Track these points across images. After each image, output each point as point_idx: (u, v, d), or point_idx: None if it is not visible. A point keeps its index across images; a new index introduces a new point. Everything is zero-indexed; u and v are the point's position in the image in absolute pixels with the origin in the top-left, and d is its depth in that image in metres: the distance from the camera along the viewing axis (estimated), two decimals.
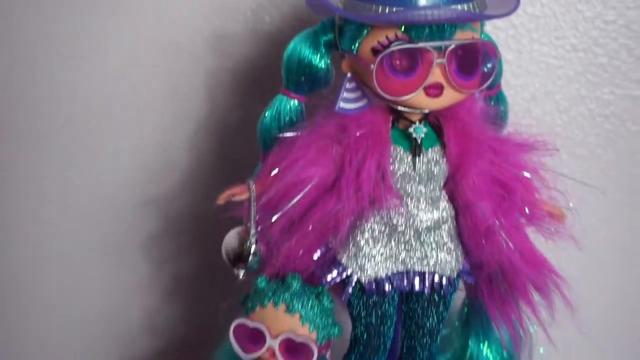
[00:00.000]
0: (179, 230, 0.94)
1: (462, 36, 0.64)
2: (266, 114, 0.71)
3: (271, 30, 0.89)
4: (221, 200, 0.68)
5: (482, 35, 0.68)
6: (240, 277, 0.68)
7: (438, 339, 0.74)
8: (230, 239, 0.68)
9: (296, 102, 0.70)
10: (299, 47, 0.68)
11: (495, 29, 0.87)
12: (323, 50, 0.68)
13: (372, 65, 0.62)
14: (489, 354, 0.79)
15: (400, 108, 0.66)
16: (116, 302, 0.97)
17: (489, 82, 0.67)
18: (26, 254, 0.97)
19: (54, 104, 0.93)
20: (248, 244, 0.67)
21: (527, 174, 0.69)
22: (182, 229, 0.94)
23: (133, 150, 0.94)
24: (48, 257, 0.97)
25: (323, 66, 0.68)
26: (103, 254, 0.96)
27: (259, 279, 0.69)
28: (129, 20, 0.91)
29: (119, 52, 0.92)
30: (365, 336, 0.71)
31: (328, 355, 0.72)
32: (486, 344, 0.79)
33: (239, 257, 0.67)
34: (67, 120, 0.94)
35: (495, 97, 0.74)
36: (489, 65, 0.66)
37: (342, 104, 0.66)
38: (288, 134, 0.69)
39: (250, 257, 0.67)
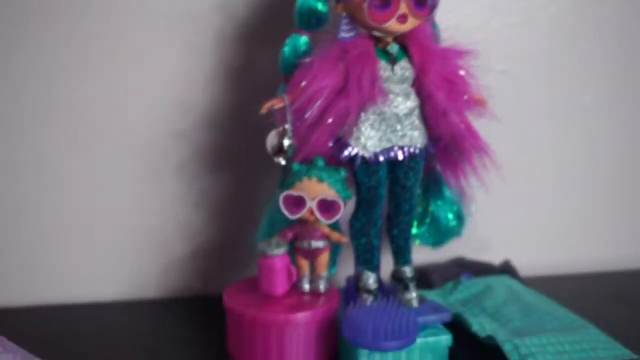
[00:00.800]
0: (202, 156, 1.03)
1: None
2: (285, 49, 0.88)
3: None
4: (264, 109, 0.84)
5: None
6: (282, 162, 0.85)
7: (415, 195, 0.90)
8: (272, 136, 0.85)
9: (306, 37, 0.88)
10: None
11: None
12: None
13: (364, 5, 0.81)
14: (443, 207, 0.99)
15: (378, 34, 0.85)
16: (153, 216, 1.06)
17: (434, 11, 0.86)
18: (80, 179, 1.03)
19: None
20: (286, 137, 0.84)
21: (463, 72, 0.88)
22: (205, 155, 1.03)
23: (162, 95, 1.02)
24: (99, 182, 1.04)
25: (324, 10, 0.87)
26: (142, 177, 1.04)
27: (294, 164, 0.85)
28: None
29: (149, 21, 1.00)
30: (367, 196, 0.88)
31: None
32: (440, 201, 0.99)
33: (280, 148, 0.85)
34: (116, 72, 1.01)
35: (433, 24, 0.92)
36: (433, 1, 0.84)
37: (341, 34, 0.85)
38: (305, 60, 0.85)
39: (288, 148, 0.85)
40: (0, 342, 0.77)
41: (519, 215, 1.16)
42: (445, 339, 0.84)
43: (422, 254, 1.04)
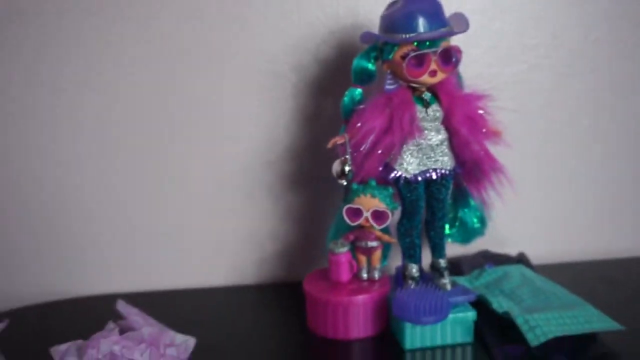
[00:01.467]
0: (286, 179, 1.09)
1: (444, 44, 0.88)
2: (345, 99, 0.93)
3: (325, 57, 1.05)
4: (330, 144, 0.90)
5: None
6: (344, 184, 0.90)
7: (446, 205, 0.95)
8: (336, 164, 0.90)
9: (360, 90, 0.93)
10: (360, 61, 0.92)
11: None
12: (372, 61, 0.92)
13: (403, 64, 0.86)
14: (469, 213, 1.02)
15: (415, 85, 0.90)
16: (251, 224, 1.12)
17: (458, 67, 0.90)
18: (199, 197, 1.10)
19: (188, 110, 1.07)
20: (346, 165, 0.89)
21: (481, 111, 0.92)
22: (288, 178, 1.09)
23: (255, 134, 1.08)
24: (213, 201, 1.10)
25: (373, 69, 0.92)
26: (243, 195, 1.10)
27: (353, 184, 0.91)
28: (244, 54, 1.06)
29: (241, 82, 1.06)
30: (410, 207, 0.93)
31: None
32: (467, 209, 1.02)
33: (342, 173, 0.89)
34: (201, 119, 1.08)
35: (458, 75, 0.97)
36: (456, 58, 0.89)
37: (387, 86, 0.90)
38: (360, 107, 0.91)
39: (348, 173, 0.90)
40: (142, 315, 0.83)
41: (530, 217, 1.18)
42: (471, 314, 0.88)
43: (455, 249, 1.07)
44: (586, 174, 1.18)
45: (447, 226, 1.02)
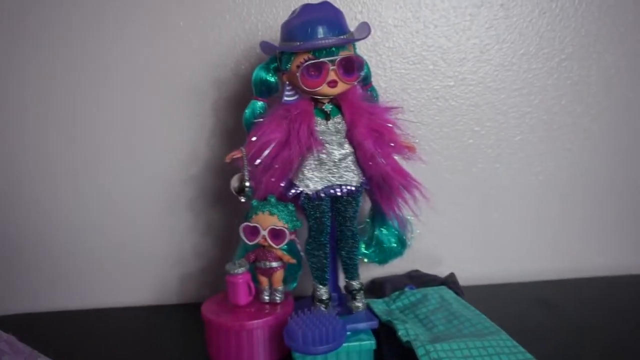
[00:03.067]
0: (207, 195, 0.93)
1: (344, 54, 0.71)
2: (246, 112, 0.78)
3: (245, 72, 0.90)
4: (227, 159, 0.75)
5: (355, 53, 0.74)
6: (242, 201, 0.75)
7: (355, 223, 0.78)
8: (234, 180, 0.75)
9: (261, 103, 0.78)
10: (260, 72, 0.77)
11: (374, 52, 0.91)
12: (272, 72, 0.77)
13: (297, 74, 0.71)
14: (387, 233, 0.84)
15: (316, 97, 0.74)
16: (172, 240, 0.95)
17: (361, 78, 0.75)
18: (118, 210, 0.94)
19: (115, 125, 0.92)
20: (244, 181, 0.74)
21: (389, 124, 0.75)
22: (209, 194, 0.93)
23: (175, 149, 0.93)
24: (130, 214, 0.94)
25: (273, 81, 0.77)
26: (162, 210, 0.94)
27: (253, 201, 0.75)
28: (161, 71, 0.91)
29: (164, 94, 0.91)
30: (314, 225, 0.76)
31: (296, 238, 0.78)
32: (383, 228, 0.84)
33: (241, 190, 0.75)
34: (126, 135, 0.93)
35: (370, 88, 0.81)
36: (361, 69, 0.74)
37: (285, 98, 0.75)
38: (259, 120, 0.76)
39: (247, 189, 0.74)
40: (10, 341, 0.66)
41: (463, 237, 0.99)
42: (369, 343, 0.70)
43: (388, 267, 0.88)
44: (518, 193, 0.99)
45: (363, 245, 0.85)
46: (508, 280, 0.99)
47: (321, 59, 0.70)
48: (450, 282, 0.91)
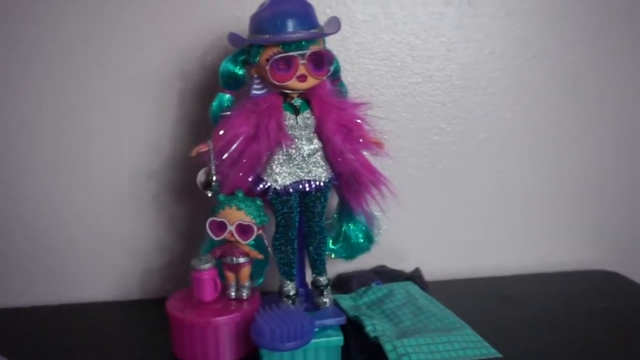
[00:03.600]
0: (171, 189, 0.91)
1: (314, 48, 0.70)
2: (213, 104, 0.76)
3: (212, 63, 0.88)
4: (193, 153, 0.73)
5: (325, 47, 0.73)
6: (209, 195, 0.73)
7: (323, 219, 0.77)
8: (201, 174, 0.74)
9: (229, 95, 0.76)
10: (227, 64, 0.75)
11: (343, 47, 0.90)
12: (240, 64, 0.75)
13: (266, 67, 0.70)
14: (354, 228, 0.84)
15: (286, 91, 0.73)
16: (135, 234, 0.93)
17: (331, 73, 0.74)
18: (79, 203, 0.91)
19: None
20: (211, 175, 0.72)
21: (358, 120, 0.74)
22: (173, 188, 0.91)
23: (139, 141, 0.90)
24: (93, 207, 0.91)
25: (241, 73, 0.75)
26: (126, 204, 0.91)
27: (220, 195, 0.73)
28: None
29: (127, 84, 0.88)
30: (282, 220, 0.75)
31: (263, 233, 0.76)
32: (351, 224, 0.84)
33: (207, 184, 0.73)
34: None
35: (340, 83, 0.80)
36: (331, 64, 0.72)
37: (253, 92, 0.73)
38: (227, 113, 0.74)
39: (213, 183, 0.72)
40: None
41: (427, 232, 1.00)
42: (337, 339, 0.70)
43: (354, 262, 0.88)
44: (482, 190, 1.00)
45: (330, 240, 0.84)
46: (472, 275, 1.00)
47: (291, 53, 0.69)
48: (415, 277, 0.91)
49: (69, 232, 0.92)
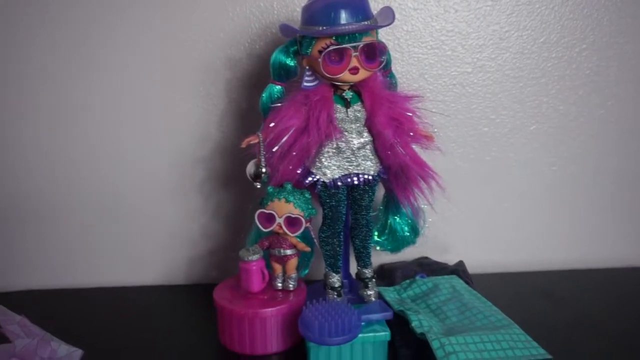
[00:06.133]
0: (218, 177, 0.92)
1: (366, 39, 0.69)
2: (263, 96, 0.76)
3: (260, 52, 0.88)
4: (243, 144, 0.73)
5: (378, 39, 0.72)
6: (258, 187, 0.73)
7: (370, 212, 0.77)
8: (250, 165, 0.74)
9: (279, 87, 0.76)
10: (278, 55, 0.74)
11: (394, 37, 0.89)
12: (292, 56, 0.74)
13: (319, 59, 0.69)
14: (400, 221, 0.83)
15: (337, 83, 0.72)
16: (182, 221, 0.93)
17: (383, 65, 0.73)
18: (129, 190, 0.92)
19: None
20: (261, 167, 0.72)
21: (409, 113, 0.73)
22: (220, 176, 0.92)
23: (187, 130, 0.90)
24: (143, 194, 0.92)
25: (292, 64, 0.75)
26: (173, 191, 0.92)
27: (269, 187, 0.73)
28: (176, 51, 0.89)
29: (174, 72, 0.88)
30: (330, 213, 0.75)
31: (310, 226, 0.76)
32: (397, 217, 0.84)
33: (257, 175, 0.73)
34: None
35: (390, 75, 0.79)
36: (383, 56, 0.71)
37: (305, 84, 0.73)
38: (277, 105, 0.74)
39: (263, 175, 0.73)
40: (22, 324, 0.64)
41: (472, 225, 0.98)
42: (384, 335, 0.69)
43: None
44: (530, 183, 0.98)
45: (375, 233, 0.84)
46: (515, 269, 0.98)
47: (344, 45, 0.68)
48: (460, 270, 0.90)
49: (117, 216, 0.94)
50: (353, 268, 0.83)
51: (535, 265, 0.98)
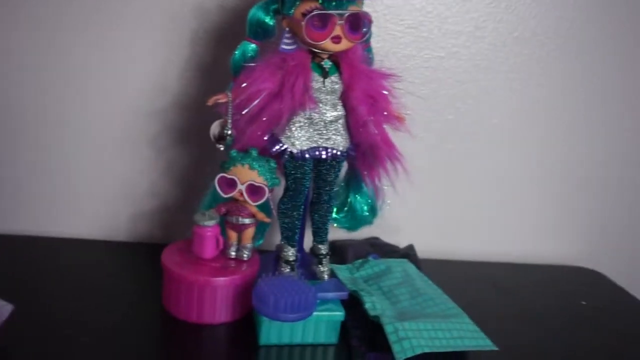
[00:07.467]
0: (171, 131, 0.86)
1: (353, 8, 0.66)
2: (236, 52, 0.71)
3: (232, 5, 0.82)
4: (210, 102, 0.68)
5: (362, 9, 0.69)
6: (222, 149, 0.69)
7: (334, 188, 0.75)
8: (215, 126, 0.70)
9: (254, 45, 0.71)
10: (257, 12, 0.70)
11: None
12: (271, 14, 0.70)
13: (302, 23, 0.65)
14: (360, 200, 0.82)
15: (316, 50, 0.68)
16: (129, 175, 0.89)
17: (366, 38, 0.70)
18: (75, 137, 0.86)
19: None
20: (227, 129, 0.68)
21: (385, 91, 0.71)
22: (174, 130, 0.86)
23: (143, 79, 0.85)
24: (89, 142, 0.87)
25: (271, 23, 0.70)
26: (122, 143, 0.87)
27: (232, 151, 0.69)
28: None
29: (135, 16, 0.82)
30: (293, 185, 0.72)
31: (271, 197, 0.73)
32: (358, 195, 0.82)
33: (221, 137, 0.69)
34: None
35: (368, 49, 0.76)
36: (365, 27, 0.68)
37: (282, 46, 0.69)
38: (251, 64, 0.69)
39: (227, 137, 0.69)
40: None
41: (425, 210, 0.98)
42: (338, 315, 0.68)
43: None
44: (490, 173, 0.98)
45: (334, 209, 0.82)
46: (463, 257, 0.99)
47: (330, 11, 0.64)
48: (411, 254, 0.90)
49: (61, 163, 0.87)
50: (307, 243, 0.81)
51: (482, 256, 1.00)
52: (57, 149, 0.87)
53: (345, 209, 0.82)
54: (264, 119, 0.67)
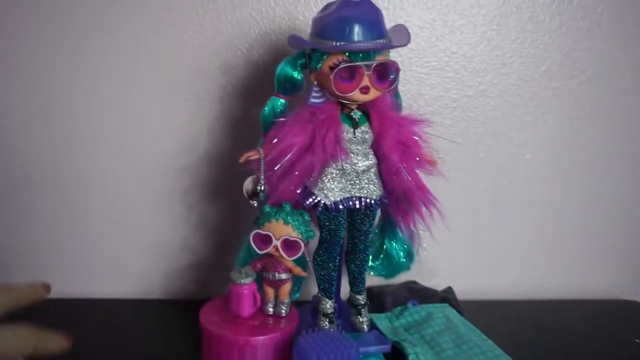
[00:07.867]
0: (203, 186, 0.87)
1: (380, 58, 0.66)
2: (265, 108, 0.71)
3: (258, 59, 0.84)
4: (242, 159, 0.68)
5: (389, 57, 0.69)
6: (255, 205, 0.69)
7: (369, 238, 0.75)
8: (248, 182, 0.69)
9: (283, 100, 0.71)
10: (285, 67, 0.70)
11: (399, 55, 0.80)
12: (299, 69, 0.70)
13: (330, 76, 0.65)
14: (396, 246, 0.81)
15: (344, 101, 0.68)
16: (161, 232, 0.89)
17: (394, 85, 0.69)
18: (106, 197, 0.87)
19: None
20: (260, 185, 0.67)
21: (416, 137, 0.70)
22: (205, 186, 0.87)
23: (172, 135, 0.85)
24: (120, 201, 0.87)
25: (299, 78, 0.71)
26: (154, 200, 0.87)
27: (266, 206, 0.69)
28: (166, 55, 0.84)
29: (166, 75, 0.84)
30: (328, 237, 0.72)
31: (306, 250, 0.71)
32: (394, 242, 0.81)
33: (254, 193, 0.68)
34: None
35: (396, 94, 0.75)
36: (393, 75, 0.68)
37: (311, 100, 0.68)
38: (280, 119, 0.69)
39: (261, 194, 0.68)
40: None
41: (460, 251, 0.96)
42: None
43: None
44: (523, 210, 0.96)
45: (370, 257, 0.80)
46: (501, 297, 0.96)
47: (357, 63, 0.64)
48: (451, 298, 0.88)
49: (94, 222, 0.88)
50: (344, 292, 0.79)
51: (519, 295, 0.96)
52: (90, 208, 0.88)
53: (381, 256, 0.81)
54: (297, 173, 0.67)
